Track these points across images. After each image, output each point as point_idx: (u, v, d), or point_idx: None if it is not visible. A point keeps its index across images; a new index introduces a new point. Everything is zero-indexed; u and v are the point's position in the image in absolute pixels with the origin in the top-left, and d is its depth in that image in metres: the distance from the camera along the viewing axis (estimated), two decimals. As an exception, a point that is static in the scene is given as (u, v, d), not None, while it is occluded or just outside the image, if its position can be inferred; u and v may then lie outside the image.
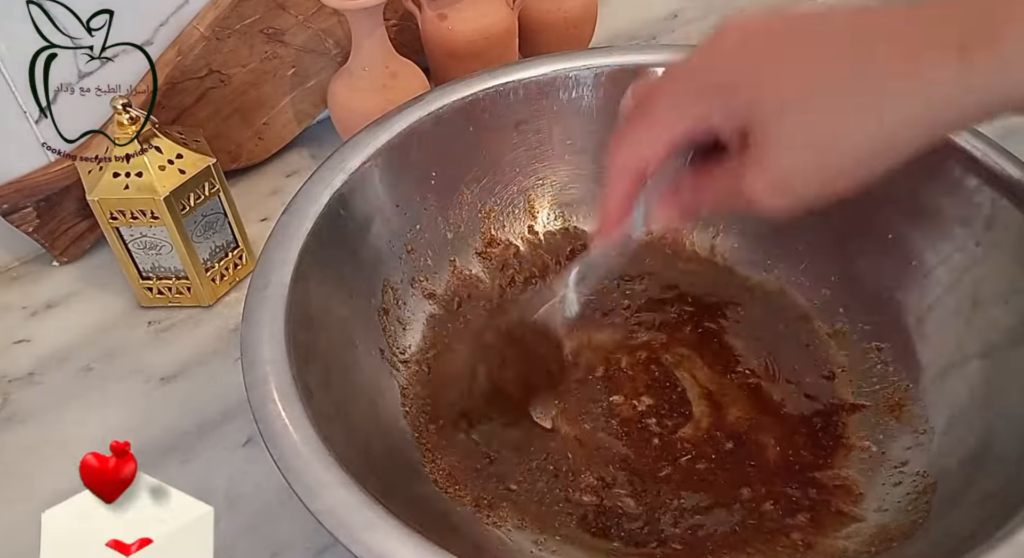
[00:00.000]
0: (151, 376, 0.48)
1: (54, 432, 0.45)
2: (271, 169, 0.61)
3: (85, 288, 0.53)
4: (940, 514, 0.36)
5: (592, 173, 0.51)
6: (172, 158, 0.46)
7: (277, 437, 0.32)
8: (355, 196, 0.43)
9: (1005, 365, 0.39)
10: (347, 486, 0.30)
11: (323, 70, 0.59)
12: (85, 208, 0.50)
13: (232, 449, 0.44)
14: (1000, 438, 0.37)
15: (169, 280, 0.50)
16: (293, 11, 0.55)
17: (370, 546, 0.28)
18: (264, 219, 0.57)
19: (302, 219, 0.40)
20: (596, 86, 0.49)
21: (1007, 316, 0.40)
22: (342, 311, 0.41)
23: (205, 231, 0.49)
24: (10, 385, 0.48)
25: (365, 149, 0.43)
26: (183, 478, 0.43)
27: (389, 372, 0.43)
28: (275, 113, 0.59)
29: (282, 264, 0.38)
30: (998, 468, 0.36)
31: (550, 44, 0.63)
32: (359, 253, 0.43)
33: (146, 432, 0.45)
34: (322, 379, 0.36)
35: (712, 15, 0.75)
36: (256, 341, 0.35)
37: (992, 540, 0.30)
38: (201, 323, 0.51)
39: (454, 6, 0.57)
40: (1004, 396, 0.38)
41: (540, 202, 0.51)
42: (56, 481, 0.43)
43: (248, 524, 0.41)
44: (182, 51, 0.52)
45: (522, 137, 0.49)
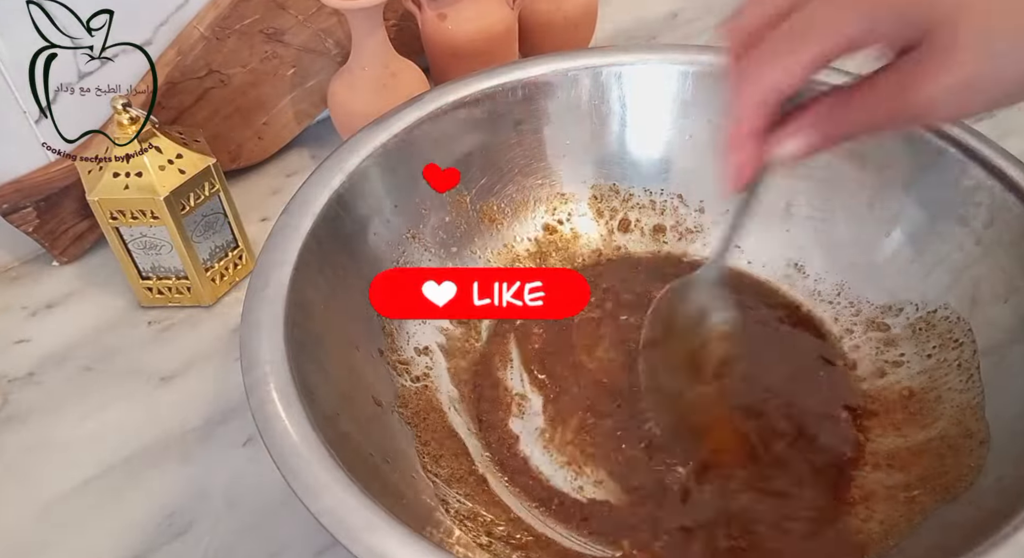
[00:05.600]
0: (151, 376, 0.48)
1: (54, 432, 0.45)
2: (271, 169, 0.61)
3: (85, 288, 0.53)
4: (940, 514, 0.36)
5: (592, 173, 0.51)
6: (172, 158, 0.46)
7: (277, 437, 0.32)
8: (354, 196, 0.43)
9: (1004, 365, 0.39)
10: (347, 486, 0.30)
11: (323, 70, 0.59)
12: (85, 208, 0.50)
13: (232, 449, 0.44)
14: (999, 438, 0.37)
15: (169, 280, 0.50)
16: (293, 11, 0.55)
17: (370, 546, 0.28)
18: (264, 219, 0.57)
19: (301, 219, 0.40)
20: (596, 86, 0.49)
21: (1007, 315, 0.40)
22: (342, 311, 0.41)
23: (205, 231, 0.49)
24: (10, 385, 0.48)
25: (364, 149, 0.43)
26: (183, 478, 0.43)
27: (389, 372, 0.43)
28: (275, 113, 0.59)
29: (282, 264, 0.38)
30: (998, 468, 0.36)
31: (550, 44, 0.63)
32: (359, 253, 0.43)
33: (146, 432, 0.45)
34: (322, 379, 0.36)
35: (712, 15, 0.75)
36: (256, 341, 0.35)
37: (992, 540, 0.30)
38: (201, 323, 0.51)
39: (454, 6, 0.57)
40: (1003, 395, 0.38)
41: (540, 202, 0.51)
42: (56, 481, 0.43)
43: (248, 524, 0.41)
44: (182, 51, 0.52)
45: (522, 137, 0.49)
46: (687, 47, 0.50)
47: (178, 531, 0.41)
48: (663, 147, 0.50)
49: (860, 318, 0.46)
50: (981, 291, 0.41)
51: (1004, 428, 0.37)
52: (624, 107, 0.49)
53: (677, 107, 0.49)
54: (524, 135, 0.49)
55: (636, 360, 0.43)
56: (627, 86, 0.49)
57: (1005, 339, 0.39)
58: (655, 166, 0.50)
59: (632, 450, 0.41)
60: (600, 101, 0.49)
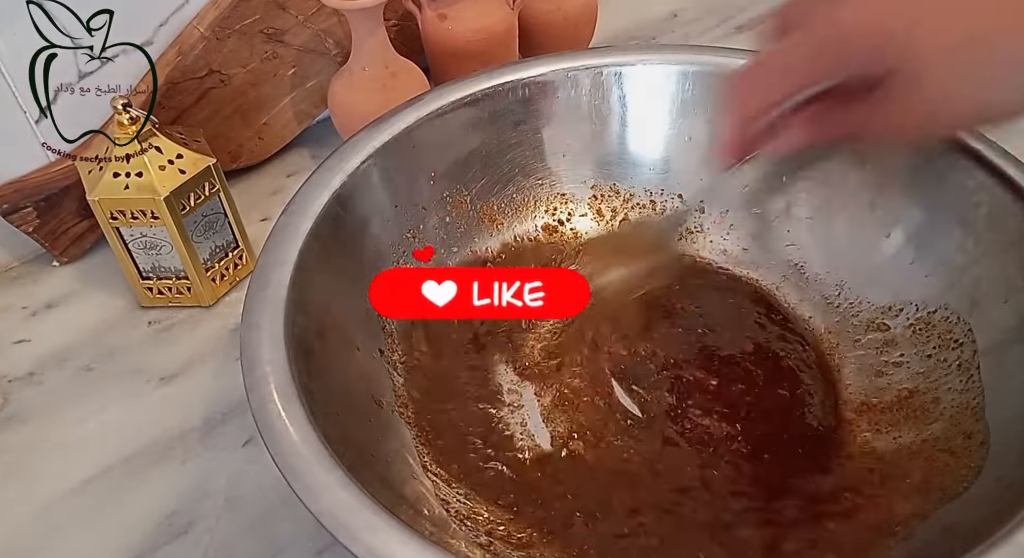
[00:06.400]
0: (151, 376, 0.48)
1: (54, 432, 0.45)
2: (271, 169, 0.61)
3: (85, 288, 0.53)
4: (940, 514, 0.36)
5: (592, 173, 0.51)
6: (172, 158, 0.46)
7: (277, 437, 0.32)
8: (355, 196, 0.43)
9: (1004, 365, 0.39)
10: (347, 486, 0.30)
11: (323, 70, 0.59)
12: (85, 208, 0.50)
13: (232, 449, 0.44)
14: (999, 439, 0.37)
15: (169, 280, 0.50)
16: (293, 11, 0.55)
17: (370, 546, 0.28)
18: (264, 219, 0.57)
19: (302, 219, 0.40)
20: (596, 86, 0.49)
21: (1007, 316, 0.40)
22: (342, 311, 0.41)
23: (205, 231, 0.49)
24: (10, 385, 0.48)
25: (364, 149, 0.43)
26: (183, 478, 0.43)
27: (389, 372, 0.43)
28: (275, 113, 0.59)
29: (282, 264, 0.38)
30: (998, 468, 0.36)
31: (550, 44, 0.63)
32: (359, 253, 0.43)
33: (146, 432, 0.45)
34: (322, 379, 0.36)
35: (712, 15, 0.75)
36: (256, 341, 0.35)
37: (992, 540, 0.30)
38: (201, 323, 0.51)
39: (454, 6, 0.57)
40: (1003, 396, 0.38)
41: (540, 202, 0.51)
42: (56, 481, 0.43)
43: (248, 524, 0.41)
44: (182, 51, 0.52)
45: (522, 137, 0.49)
46: (687, 47, 0.50)
47: (178, 531, 0.41)
48: (663, 147, 0.50)
49: (860, 318, 0.46)
50: (981, 291, 0.41)
51: (1004, 429, 0.37)
52: (624, 107, 0.49)
53: (677, 107, 0.49)
54: (524, 135, 0.49)
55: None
56: (627, 86, 0.49)
57: (1005, 339, 0.39)
58: (655, 166, 0.50)
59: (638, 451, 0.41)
60: (600, 101, 0.49)
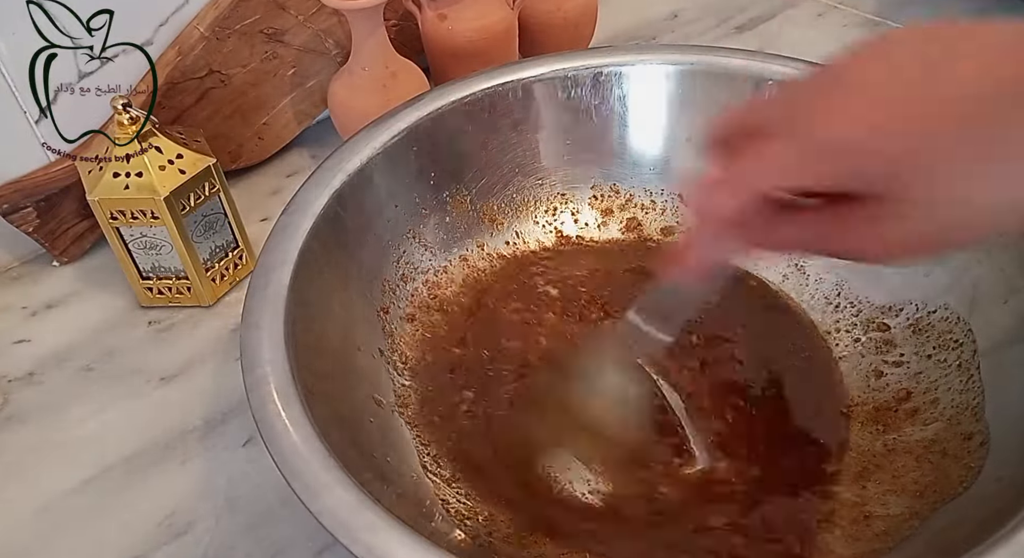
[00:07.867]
0: (151, 376, 0.48)
1: (54, 432, 0.45)
2: (271, 169, 0.61)
3: (85, 288, 0.53)
4: (940, 514, 0.36)
5: (592, 173, 0.51)
6: (172, 158, 0.46)
7: (277, 437, 0.32)
8: (355, 196, 0.43)
9: (1004, 365, 0.39)
10: (347, 486, 0.30)
11: (323, 70, 0.59)
12: (85, 208, 0.50)
13: (232, 449, 0.44)
14: (998, 439, 0.37)
15: (169, 280, 0.50)
16: (293, 11, 0.55)
17: (370, 546, 0.28)
18: (264, 219, 0.57)
19: (302, 219, 0.40)
20: (596, 86, 0.49)
21: (1007, 316, 0.40)
22: (342, 311, 0.41)
23: (205, 231, 0.49)
24: (10, 385, 0.48)
25: (364, 149, 0.43)
26: (183, 478, 0.43)
27: (389, 372, 0.43)
28: (275, 113, 0.59)
29: (282, 264, 0.38)
30: (997, 468, 0.36)
31: (550, 44, 0.63)
32: (358, 253, 0.43)
33: (146, 432, 0.45)
34: (322, 379, 0.36)
35: (712, 15, 0.75)
36: (256, 341, 0.35)
37: (992, 540, 0.30)
38: (201, 323, 0.51)
39: (454, 6, 0.57)
40: (1002, 396, 0.38)
41: (539, 203, 0.51)
42: (56, 481, 0.43)
43: (248, 524, 0.41)
44: (182, 51, 0.52)
45: (522, 137, 0.49)
46: (687, 47, 0.50)
47: (178, 531, 0.41)
48: (663, 147, 0.50)
49: (860, 318, 0.46)
50: (981, 291, 0.41)
51: (1004, 429, 0.37)
52: (624, 107, 0.49)
53: (677, 107, 0.49)
54: (524, 135, 0.49)
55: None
56: (627, 86, 0.49)
57: (1005, 339, 0.39)
58: (655, 166, 0.50)
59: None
60: (600, 101, 0.49)
